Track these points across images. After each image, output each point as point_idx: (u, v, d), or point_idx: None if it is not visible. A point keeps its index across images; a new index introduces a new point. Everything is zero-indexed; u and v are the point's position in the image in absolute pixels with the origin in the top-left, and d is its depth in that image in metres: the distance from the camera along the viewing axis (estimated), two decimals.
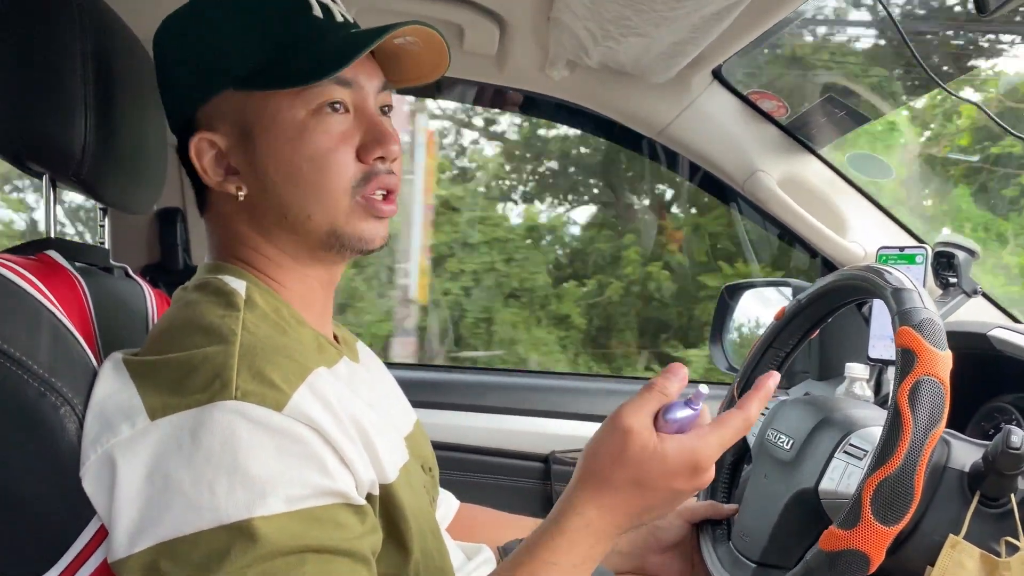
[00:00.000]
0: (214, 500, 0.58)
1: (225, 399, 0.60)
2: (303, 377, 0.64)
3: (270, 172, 0.73)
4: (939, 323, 0.75)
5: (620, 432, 0.66)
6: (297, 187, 0.72)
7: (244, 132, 0.73)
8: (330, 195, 0.73)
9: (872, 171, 1.54)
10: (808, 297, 0.97)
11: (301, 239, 0.75)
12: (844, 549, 0.71)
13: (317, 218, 0.73)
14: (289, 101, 0.72)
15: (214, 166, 0.74)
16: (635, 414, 0.66)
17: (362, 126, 0.74)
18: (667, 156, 1.56)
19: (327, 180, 0.72)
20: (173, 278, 1.52)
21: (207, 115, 0.74)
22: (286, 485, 0.60)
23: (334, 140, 0.72)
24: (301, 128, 0.72)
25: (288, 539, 0.59)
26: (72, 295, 0.74)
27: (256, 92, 0.72)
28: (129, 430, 0.61)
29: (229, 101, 0.73)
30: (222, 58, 0.73)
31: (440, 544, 0.79)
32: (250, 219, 0.75)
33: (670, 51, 1.25)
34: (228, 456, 0.59)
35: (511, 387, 1.66)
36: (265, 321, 0.70)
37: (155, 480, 0.59)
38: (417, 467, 0.81)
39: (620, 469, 0.66)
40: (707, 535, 0.98)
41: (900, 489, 0.70)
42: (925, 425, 0.70)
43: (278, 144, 0.72)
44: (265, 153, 0.72)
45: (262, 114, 0.72)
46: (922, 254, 1.19)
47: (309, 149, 0.72)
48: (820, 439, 0.87)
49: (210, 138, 0.74)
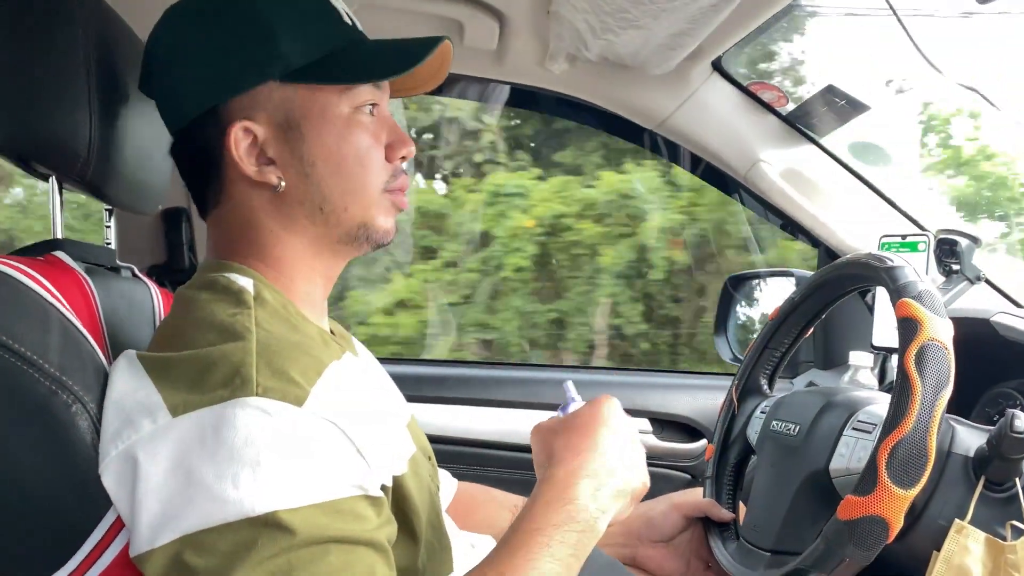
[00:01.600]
0: (238, 493, 0.59)
1: (247, 395, 0.61)
2: (320, 372, 0.65)
3: (318, 164, 0.75)
4: (936, 294, 0.75)
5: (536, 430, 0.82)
6: (341, 180, 0.75)
7: (289, 123, 0.74)
8: (367, 190, 0.77)
9: (873, 159, 1.54)
10: (802, 293, 0.98)
11: (329, 231, 0.77)
12: (863, 516, 0.71)
13: (352, 211, 0.76)
14: (336, 98, 0.75)
15: (249, 156, 0.74)
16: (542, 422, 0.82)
17: (385, 127, 0.78)
18: (668, 148, 1.56)
19: (368, 176, 0.76)
20: (179, 277, 1.53)
21: (243, 105, 0.74)
22: (308, 478, 0.61)
23: (373, 139, 0.77)
24: (348, 123, 0.75)
25: (313, 530, 0.59)
26: (80, 295, 0.75)
27: (302, 86, 0.74)
28: (151, 426, 0.62)
29: (272, 92, 0.74)
30: (272, 50, 0.73)
31: (444, 534, 0.81)
32: (277, 211, 0.76)
33: (669, 43, 1.25)
34: (251, 451, 0.60)
35: (514, 381, 1.67)
36: (276, 318, 0.71)
37: (178, 475, 0.60)
38: (422, 456, 0.82)
39: (554, 439, 0.78)
40: (715, 534, 0.98)
41: (915, 451, 0.70)
42: (934, 387, 0.71)
43: (327, 137, 0.75)
44: (314, 145, 0.74)
45: (311, 107, 0.74)
46: (924, 241, 1.19)
47: (355, 145, 0.76)
48: (827, 420, 0.88)
49: (251, 127, 0.74)
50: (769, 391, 1.05)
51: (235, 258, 0.76)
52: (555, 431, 0.78)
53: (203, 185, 0.78)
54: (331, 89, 0.75)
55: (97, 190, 0.83)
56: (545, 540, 0.69)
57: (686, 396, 1.59)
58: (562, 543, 0.69)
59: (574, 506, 0.71)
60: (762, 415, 1.00)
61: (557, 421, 0.80)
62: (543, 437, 0.79)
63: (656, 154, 1.60)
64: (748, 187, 1.51)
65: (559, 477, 0.73)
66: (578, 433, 0.77)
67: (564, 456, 0.75)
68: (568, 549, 0.69)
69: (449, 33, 1.36)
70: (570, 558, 0.69)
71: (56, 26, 0.75)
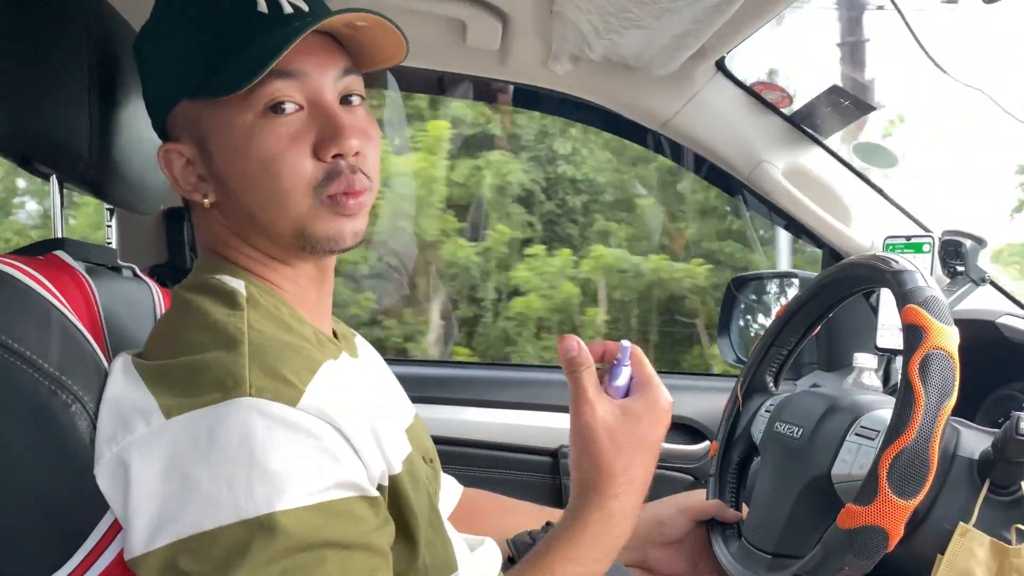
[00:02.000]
0: (233, 495, 0.58)
1: (240, 396, 0.60)
2: (313, 372, 0.65)
3: (228, 180, 0.72)
4: (943, 300, 0.75)
5: (591, 424, 0.72)
6: (256, 193, 0.71)
7: (202, 142, 0.72)
8: (289, 198, 0.70)
9: (878, 160, 1.53)
10: (808, 292, 0.97)
11: (272, 241, 0.73)
12: (863, 525, 0.70)
13: (283, 222, 0.71)
14: (237, 107, 0.69)
15: (184, 175, 0.74)
16: (596, 403, 0.72)
17: (317, 122, 0.70)
18: (672, 148, 1.56)
19: (282, 184, 0.69)
20: (180, 277, 1.51)
21: (171, 126, 0.74)
22: (304, 479, 0.60)
23: (284, 142, 0.69)
24: (249, 133, 0.69)
25: (308, 533, 0.59)
26: (81, 295, 0.74)
27: (206, 101, 0.70)
28: (145, 428, 0.62)
29: (186, 112, 0.72)
30: (174, 68, 0.72)
31: (443, 535, 0.80)
32: (225, 223, 0.75)
33: (672, 43, 1.24)
34: (245, 452, 0.59)
35: (518, 382, 1.66)
36: (269, 319, 0.70)
37: (172, 477, 0.60)
38: (419, 459, 0.81)
39: (613, 453, 0.71)
40: (718, 534, 0.98)
41: (916, 461, 0.69)
42: (937, 397, 0.70)
43: (231, 153, 0.70)
44: (220, 162, 0.71)
45: (213, 123, 0.71)
46: (929, 243, 1.19)
47: (259, 154, 0.69)
48: (830, 424, 0.87)
49: (176, 148, 0.74)
50: (775, 389, 1.04)
51: (224, 259, 0.76)
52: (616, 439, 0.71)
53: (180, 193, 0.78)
54: (230, 99, 0.68)
55: (98, 189, 0.83)
56: (583, 571, 0.70)
57: (689, 397, 1.58)
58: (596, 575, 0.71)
59: (618, 542, 0.72)
60: (767, 413, 1.00)
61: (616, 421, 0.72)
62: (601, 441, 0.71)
63: (660, 154, 1.60)
64: (752, 188, 1.50)
65: (615, 512, 0.71)
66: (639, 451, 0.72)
67: (623, 485, 0.71)
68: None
69: (452, 33, 1.36)
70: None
71: (57, 26, 0.75)
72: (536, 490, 1.53)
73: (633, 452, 0.71)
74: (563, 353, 0.74)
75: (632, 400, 0.74)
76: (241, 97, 0.68)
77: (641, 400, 0.73)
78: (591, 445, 0.72)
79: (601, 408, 0.72)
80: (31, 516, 0.65)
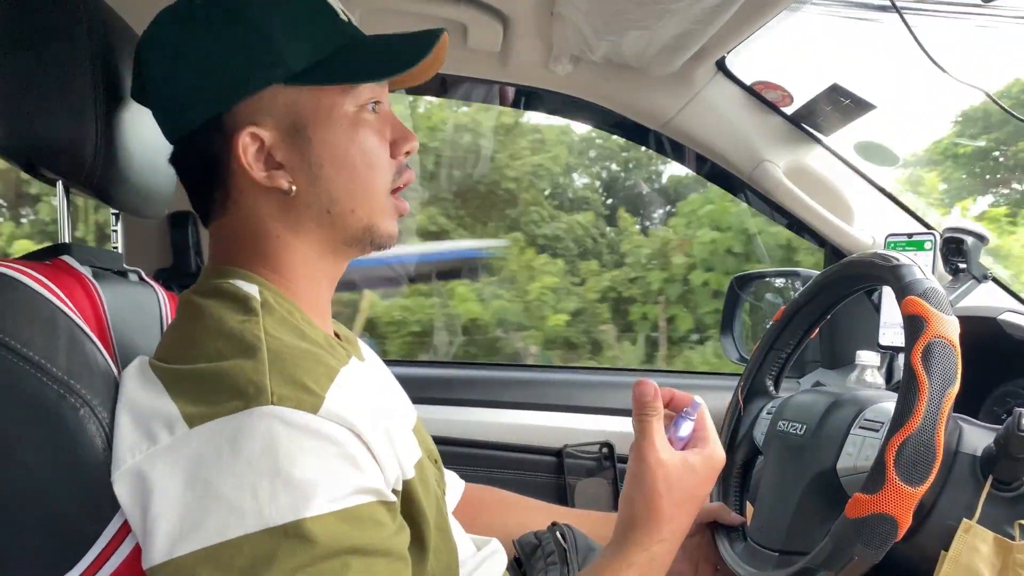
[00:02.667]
0: (257, 504, 0.58)
1: (262, 404, 0.61)
2: (332, 378, 0.65)
3: (326, 166, 0.74)
4: (942, 291, 0.75)
5: (653, 468, 0.75)
6: (349, 181, 0.75)
7: (295, 127, 0.73)
8: (375, 191, 0.76)
9: (879, 159, 1.54)
10: (806, 294, 0.97)
11: (335, 234, 0.76)
12: (871, 514, 0.70)
13: (359, 212, 0.75)
14: (340, 98, 0.74)
15: (257, 161, 0.73)
16: (663, 449, 0.76)
17: (388, 124, 0.77)
18: (673, 148, 1.56)
19: (375, 176, 0.76)
20: (186, 281, 1.53)
21: (248, 111, 0.73)
22: (327, 486, 0.60)
23: (379, 137, 0.76)
24: (354, 123, 0.74)
25: (332, 540, 0.59)
26: (87, 299, 0.75)
27: (306, 88, 0.73)
28: (168, 438, 0.62)
29: (276, 96, 0.73)
30: (273, 54, 0.72)
31: (449, 538, 0.80)
32: (285, 216, 0.75)
33: (673, 43, 1.25)
34: (269, 460, 0.59)
35: (522, 382, 1.67)
36: (283, 325, 0.70)
37: (195, 487, 0.60)
38: (428, 461, 0.82)
39: (667, 499, 0.74)
40: (722, 536, 0.98)
41: (922, 448, 0.70)
42: (941, 384, 0.70)
43: (335, 138, 0.74)
44: (321, 147, 0.73)
45: (316, 109, 0.73)
46: (931, 240, 1.19)
47: (363, 144, 0.75)
48: (834, 419, 0.87)
49: (257, 132, 0.72)
50: (775, 392, 1.04)
51: (239, 264, 0.76)
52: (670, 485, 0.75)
53: (208, 193, 0.77)
54: (334, 89, 0.73)
55: (104, 194, 0.83)
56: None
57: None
58: None
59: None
60: (768, 416, 1.00)
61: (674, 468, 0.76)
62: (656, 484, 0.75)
63: (662, 154, 1.60)
64: (753, 187, 1.51)
65: (658, 557, 0.75)
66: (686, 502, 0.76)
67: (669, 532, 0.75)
68: None
69: (453, 35, 1.36)
70: None
71: (61, 31, 0.76)
72: (540, 489, 1.53)
73: (683, 502, 0.75)
74: (638, 396, 0.77)
75: (692, 453, 0.77)
76: (344, 90, 0.74)
77: (700, 455, 0.77)
78: (648, 487, 0.75)
79: (665, 455, 0.75)
80: (39, 519, 0.65)
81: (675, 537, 0.76)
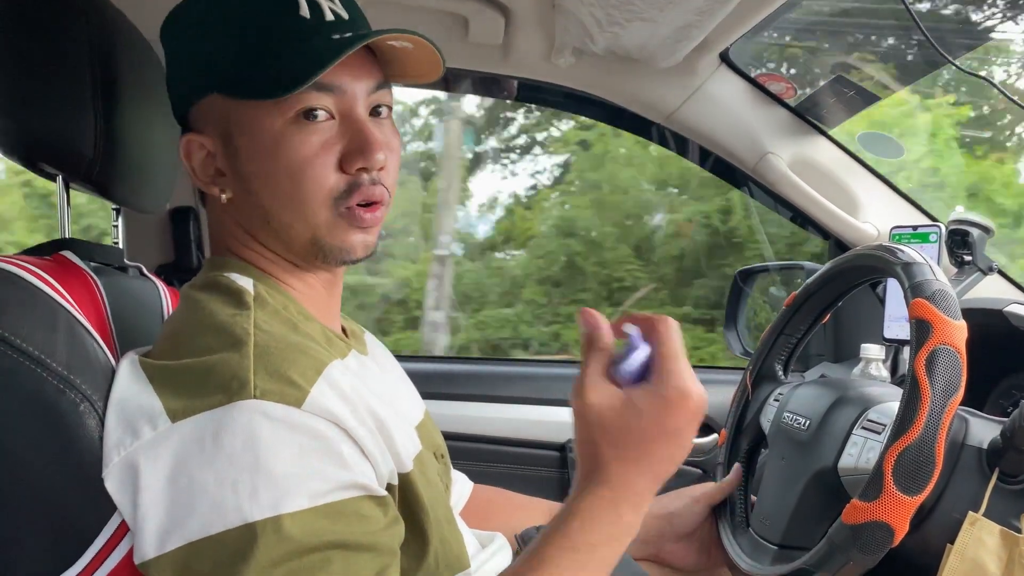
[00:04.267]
0: (238, 499, 0.58)
1: (245, 399, 0.60)
2: (319, 371, 0.65)
3: (250, 180, 0.72)
4: (952, 294, 0.74)
5: (578, 412, 0.66)
6: (276, 197, 0.71)
7: (227, 137, 0.72)
8: (309, 206, 0.70)
9: (883, 150, 1.53)
10: (817, 281, 0.97)
11: (285, 245, 0.74)
12: (867, 521, 0.70)
13: (298, 227, 0.72)
14: (268, 109, 0.69)
15: (203, 167, 0.74)
16: (591, 389, 0.66)
17: (347, 134, 0.71)
18: (677, 141, 1.56)
19: (305, 192, 0.70)
20: (187, 276, 1.52)
21: (196, 117, 0.74)
22: (309, 481, 0.60)
23: (312, 150, 0.70)
24: (279, 137, 0.69)
25: (313, 535, 0.59)
26: (88, 294, 0.75)
27: (237, 99, 0.71)
28: (151, 433, 0.62)
29: (215, 105, 0.72)
30: (207, 61, 0.72)
31: (455, 532, 0.80)
32: (239, 221, 0.75)
33: (675, 35, 1.24)
34: (250, 455, 0.59)
35: (524, 376, 1.66)
36: (276, 318, 0.70)
37: (179, 481, 0.60)
38: (430, 455, 0.81)
39: (606, 444, 0.65)
40: (726, 524, 0.98)
41: (921, 458, 0.69)
42: (943, 393, 0.70)
43: (257, 153, 0.70)
44: (246, 161, 0.71)
45: (242, 121, 0.71)
46: (936, 232, 1.18)
47: (286, 160, 0.69)
48: (837, 417, 0.87)
49: (199, 140, 0.73)
50: (784, 377, 1.05)
51: (234, 256, 0.76)
52: (606, 429, 0.65)
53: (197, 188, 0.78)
54: (262, 101, 0.69)
55: (104, 189, 0.83)
56: (581, 559, 0.64)
57: None
58: (601, 561, 0.66)
59: (616, 527, 0.66)
60: (775, 402, 1.00)
61: (611, 411, 0.65)
62: (590, 432, 0.66)
63: (665, 147, 1.60)
64: (757, 179, 1.50)
65: (606, 498, 0.65)
66: (636, 443, 0.64)
67: (614, 473, 0.65)
68: (604, 568, 0.66)
69: (455, 29, 1.36)
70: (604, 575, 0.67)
71: (61, 26, 0.76)
72: (544, 484, 1.53)
73: (627, 445, 0.64)
74: (581, 327, 0.69)
75: (638, 390, 0.65)
76: (273, 101, 0.69)
77: (648, 392, 0.64)
78: (580, 432, 0.67)
79: (596, 396, 0.65)
80: (39, 516, 0.65)
81: (627, 479, 0.65)
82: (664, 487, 0.78)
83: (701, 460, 1.56)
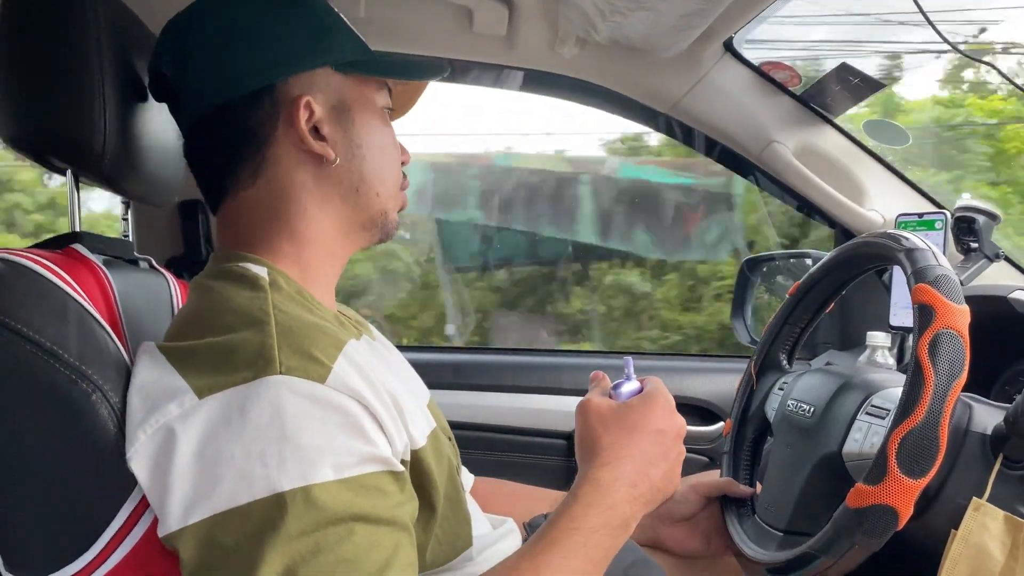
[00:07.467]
0: (266, 470, 0.60)
1: (271, 374, 0.62)
2: (339, 349, 0.66)
3: (364, 146, 0.80)
4: (954, 279, 0.75)
5: (583, 412, 0.82)
6: (380, 165, 0.81)
7: (342, 106, 0.79)
8: (394, 180, 0.84)
9: (888, 138, 1.52)
10: (821, 269, 0.97)
11: (356, 214, 0.81)
12: (872, 504, 0.71)
13: (382, 196, 0.82)
14: (374, 92, 0.82)
15: (308, 131, 0.77)
16: (592, 397, 0.83)
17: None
18: (682, 131, 1.56)
19: (395, 166, 0.84)
20: (196, 269, 1.52)
21: (301, 85, 0.77)
22: (334, 454, 0.61)
23: (394, 137, 0.85)
24: (382, 117, 0.83)
25: (338, 507, 0.60)
26: (98, 287, 0.76)
27: (351, 76, 0.80)
28: (178, 409, 0.63)
29: (328, 77, 0.79)
30: (329, 40, 0.80)
31: (461, 510, 0.81)
32: (316, 188, 0.78)
33: (679, 24, 1.24)
34: (276, 428, 0.60)
35: (531, 366, 1.67)
36: (292, 301, 0.72)
37: (206, 455, 0.61)
38: (442, 433, 0.83)
39: (602, 428, 0.79)
40: (732, 512, 0.99)
41: (925, 441, 0.70)
42: (947, 376, 0.70)
43: (372, 124, 0.81)
44: (363, 129, 0.80)
45: (358, 96, 0.81)
46: (942, 220, 1.18)
47: (388, 136, 0.84)
48: (841, 403, 0.87)
49: (312, 103, 0.77)
50: (788, 366, 1.05)
51: (248, 249, 0.77)
52: (605, 421, 0.79)
53: (236, 164, 0.78)
54: (371, 85, 0.81)
55: (114, 183, 0.84)
56: (582, 540, 0.71)
57: (703, 379, 1.59)
58: (597, 545, 0.72)
59: (613, 512, 0.74)
60: (780, 391, 1.00)
61: (608, 408, 0.80)
62: (591, 423, 0.80)
63: (671, 136, 1.60)
64: (763, 168, 1.50)
65: (603, 481, 0.75)
66: (628, 433, 0.78)
67: (610, 458, 0.77)
68: (602, 551, 0.73)
69: (459, 20, 1.37)
70: (602, 559, 0.73)
71: (69, 21, 0.76)
72: (551, 473, 1.54)
73: (621, 433, 0.78)
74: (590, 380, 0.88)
75: (628, 400, 0.82)
76: (376, 88, 0.82)
77: (637, 397, 0.82)
78: (582, 427, 0.81)
79: (595, 401, 0.82)
80: (53, 504, 0.66)
81: (621, 463, 0.76)
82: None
83: (707, 448, 1.57)
